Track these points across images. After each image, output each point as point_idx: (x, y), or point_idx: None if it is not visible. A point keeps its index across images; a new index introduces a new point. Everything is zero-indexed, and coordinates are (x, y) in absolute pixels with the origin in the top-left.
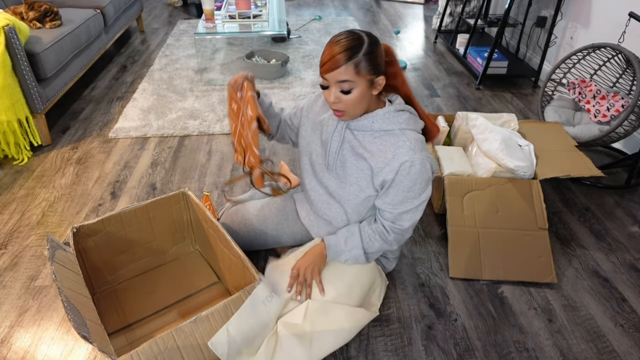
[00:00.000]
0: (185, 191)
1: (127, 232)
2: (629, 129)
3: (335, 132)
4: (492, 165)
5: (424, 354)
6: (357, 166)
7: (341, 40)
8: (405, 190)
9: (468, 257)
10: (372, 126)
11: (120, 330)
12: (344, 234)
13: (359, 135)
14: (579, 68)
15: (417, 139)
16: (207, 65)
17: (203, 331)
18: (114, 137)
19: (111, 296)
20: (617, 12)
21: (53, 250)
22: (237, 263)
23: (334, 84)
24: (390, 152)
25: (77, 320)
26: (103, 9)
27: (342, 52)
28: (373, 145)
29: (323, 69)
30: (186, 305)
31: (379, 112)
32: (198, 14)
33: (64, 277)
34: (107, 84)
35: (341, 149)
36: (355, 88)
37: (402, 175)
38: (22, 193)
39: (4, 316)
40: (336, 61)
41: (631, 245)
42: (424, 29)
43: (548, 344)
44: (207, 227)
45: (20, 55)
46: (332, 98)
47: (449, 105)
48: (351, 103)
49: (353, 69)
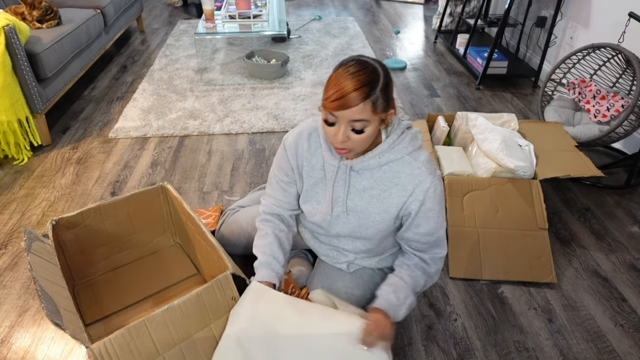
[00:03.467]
0: (165, 185)
1: (106, 225)
2: (629, 129)
3: (338, 176)
4: (492, 165)
5: (424, 354)
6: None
7: (355, 73)
8: (436, 216)
9: (468, 257)
10: (380, 162)
11: (99, 321)
12: (388, 289)
13: (366, 175)
14: (579, 68)
15: (429, 160)
16: (207, 65)
17: (175, 319)
18: (114, 137)
19: (91, 288)
20: (617, 12)
21: (30, 242)
22: (212, 254)
23: (344, 122)
24: (409, 183)
25: (50, 308)
26: (103, 9)
27: (358, 88)
28: (385, 180)
29: (333, 105)
30: (164, 296)
31: (383, 146)
32: (198, 14)
33: (39, 268)
34: (107, 84)
35: (348, 194)
36: (368, 127)
37: (430, 202)
38: (22, 193)
39: (4, 316)
40: (352, 99)
41: (631, 245)
42: (424, 29)
43: (548, 344)
44: (185, 220)
45: (20, 55)
46: (340, 137)
47: (449, 105)
48: (361, 142)
49: (370, 107)
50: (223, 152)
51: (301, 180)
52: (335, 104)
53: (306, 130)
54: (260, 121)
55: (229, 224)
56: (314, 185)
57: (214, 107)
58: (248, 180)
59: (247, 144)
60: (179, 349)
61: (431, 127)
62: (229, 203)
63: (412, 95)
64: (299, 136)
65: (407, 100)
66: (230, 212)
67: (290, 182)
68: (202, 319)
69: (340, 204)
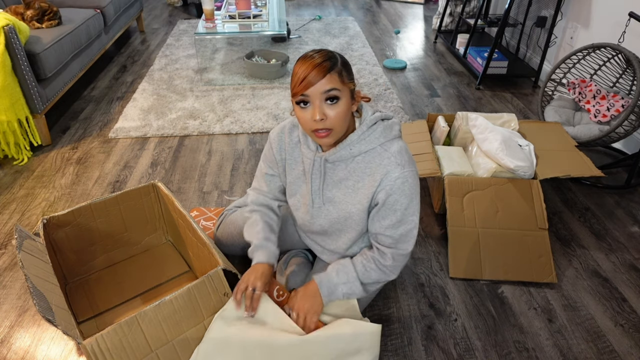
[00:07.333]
0: (156, 183)
1: (98, 223)
2: (629, 129)
3: (314, 168)
4: (492, 165)
5: (424, 354)
6: (346, 200)
7: (313, 56)
8: (403, 208)
9: (468, 257)
10: (352, 152)
11: (91, 319)
12: (334, 266)
13: (341, 166)
14: (579, 68)
15: (400, 151)
16: (207, 65)
17: (166, 314)
18: (114, 137)
19: (83, 286)
20: (617, 12)
21: (21, 240)
22: (203, 250)
23: (317, 97)
24: (378, 173)
25: (42, 305)
26: (103, 9)
27: (322, 62)
28: (358, 171)
29: (302, 85)
30: (156, 293)
31: (353, 136)
32: (198, 14)
33: (31, 265)
34: (107, 84)
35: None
36: (341, 98)
37: (397, 194)
38: (22, 193)
39: (4, 316)
40: (317, 73)
41: (631, 245)
42: (424, 29)
43: (548, 344)
44: (176, 218)
45: (20, 55)
46: (317, 115)
47: (449, 105)
48: (338, 117)
49: (337, 77)
50: (223, 152)
51: (284, 173)
52: (303, 84)
53: (288, 125)
54: (260, 121)
55: (226, 224)
56: (296, 178)
57: (214, 107)
58: (248, 180)
59: (247, 144)
60: (171, 346)
61: (431, 127)
62: (229, 203)
63: (412, 95)
64: (282, 130)
65: (407, 100)
66: (227, 212)
67: (275, 175)
68: (195, 315)
69: (319, 196)
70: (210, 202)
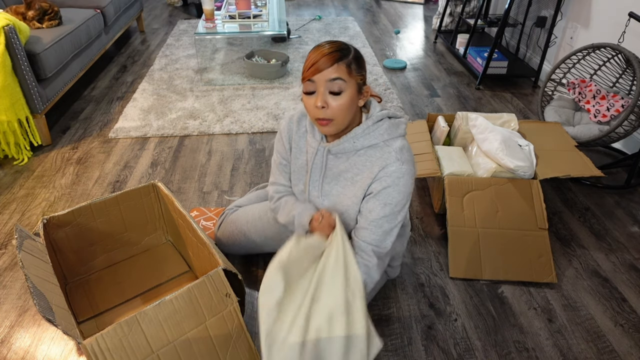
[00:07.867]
0: (156, 183)
1: (97, 223)
2: (629, 129)
3: (316, 158)
4: (492, 165)
5: (424, 354)
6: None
7: (327, 45)
8: (393, 205)
9: (468, 257)
10: (355, 146)
11: (91, 319)
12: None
13: (343, 159)
14: (579, 68)
15: (402, 148)
16: (207, 65)
17: (167, 315)
18: (114, 137)
19: (83, 286)
20: (617, 12)
21: (21, 240)
22: (203, 250)
23: (322, 84)
24: (376, 166)
25: (42, 305)
26: (103, 9)
27: (332, 52)
28: (358, 164)
29: (311, 70)
30: (156, 293)
31: (357, 130)
32: (198, 14)
33: (31, 265)
34: (107, 84)
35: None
36: (345, 90)
37: (392, 188)
38: (22, 193)
39: (4, 316)
40: (327, 59)
41: (631, 245)
42: (424, 29)
43: (548, 344)
44: (176, 217)
45: (20, 55)
46: (319, 102)
47: (449, 105)
48: (340, 108)
49: (345, 68)
50: (223, 152)
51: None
52: (311, 70)
53: (297, 114)
54: (260, 121)
55: (227, 224)
56: (300, 168)
57: (214, 107)
58: (248, 180)
59: (247, 144)
60: (173, 347)
61: (431, 127)
62: (229, 203)
63: (412, 95)
64: (291, 119)
65: (407, 100)
66: (228, 212)
67: (288, 164)
68: (196, 316)
69: (316, 187)
70: (210, 202)
